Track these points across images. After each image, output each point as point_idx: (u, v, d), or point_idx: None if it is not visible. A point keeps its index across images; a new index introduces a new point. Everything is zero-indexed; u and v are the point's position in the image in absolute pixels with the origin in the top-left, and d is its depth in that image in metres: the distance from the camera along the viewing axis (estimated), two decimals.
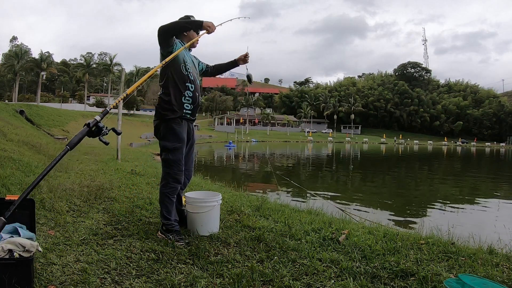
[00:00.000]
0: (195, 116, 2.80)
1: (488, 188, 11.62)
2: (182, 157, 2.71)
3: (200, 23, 2.54)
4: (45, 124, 19.86)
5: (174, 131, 2.64)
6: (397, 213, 7.07)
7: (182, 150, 2.71)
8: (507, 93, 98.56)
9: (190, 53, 2.85)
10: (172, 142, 2.66)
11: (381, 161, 25.15)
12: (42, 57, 56.55)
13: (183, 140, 2.69)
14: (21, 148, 7.33)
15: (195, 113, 2.77)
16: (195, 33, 2.76)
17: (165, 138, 2.68)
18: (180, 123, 2.67)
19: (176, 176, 2.70)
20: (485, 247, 2.86)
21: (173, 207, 2.77)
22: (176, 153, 2.67)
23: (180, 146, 2.67)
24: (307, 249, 2.59)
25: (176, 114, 2.64)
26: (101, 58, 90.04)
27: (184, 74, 2.66)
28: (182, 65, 2.67)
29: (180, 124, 2.66)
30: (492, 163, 26.97)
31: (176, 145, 2.66)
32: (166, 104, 2.64)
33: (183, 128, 2.70)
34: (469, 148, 58.01)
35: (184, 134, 2.70)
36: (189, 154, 2.87)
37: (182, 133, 2.68)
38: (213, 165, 16.81)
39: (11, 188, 3.62)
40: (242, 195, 5.15)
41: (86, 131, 1.90)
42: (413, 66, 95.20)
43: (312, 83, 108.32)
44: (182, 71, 2.66)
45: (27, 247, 1.81)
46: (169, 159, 2.67)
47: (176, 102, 2.64)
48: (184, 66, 2.67)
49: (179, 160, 2.68)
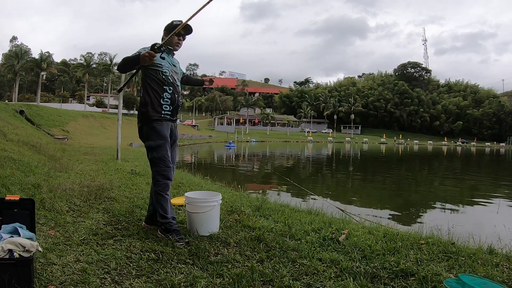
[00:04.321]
0: (176, 116, 2.93)
1: (488, 188, 11.62)
2: (167, 154, 2.81)
3: (137, 58, 2.63)
4: (45, 124, 19.85)
5: (156, 129, 2.78)
6: (397, 213, 7.07)
7: (166, 147, 2.81)
8: (507, 93, 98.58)
9: (171, 57, 2.97)
10: (155, 141, 2.78)
11: (381, 161, 25.14)
12: (42, 57, 56.59)
13: (165, 137, 2.80)
14: (21, 148, 7.33)
15: (174, 114, 2.90)
16: (175, 37, 2.86)
17: (149, 138, 2.81)
18: (161, 123, 2.81)
19: (164, 172, 2.79)
20: (485, 247, 2.87)
21: (168, 205, 2.82)
22: (160, 150, 2.78)
23: (163, 143, 2.79)
24: (307, 249, 2.59)
25: (156, 115, 2.79)
26: (101, 58, 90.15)
27: (161, 77, 2.80)
28: (159, 70, 2.80)
29: (161, 124, 2.80)
30: (492, 163, 26.97)
31: (159, 142, 2.78)
32: (146, 107, 2.80)
33: (165, 126, 2.82)
34: (469, 148, 58.00)
35: (166, 132, 2.82)
36: (173, 152, 2.97)
37: (164, 131, 2.81)
38: (213, 165, 16.81)
39: (11, 188, 3.62)
40: (242, 195, 5.15)
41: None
42: (413, 66, 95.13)
43: (312, 83, 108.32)
44: (158, 75, 2.80)
45: (27, 247, 1.81)
46: (154, 157, 2.79)
47: (155, 104, 2.79)
48: (161, 70, 2.80)
49: (164, 157, 2.78)
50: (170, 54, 2.95)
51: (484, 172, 18.58)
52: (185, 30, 2.83)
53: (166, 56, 2.89)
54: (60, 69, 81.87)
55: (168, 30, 2.88)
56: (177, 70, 2.99)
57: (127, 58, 2.72)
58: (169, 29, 2.86)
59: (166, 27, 2.92)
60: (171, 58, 2.95)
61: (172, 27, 2.82)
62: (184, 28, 2.77)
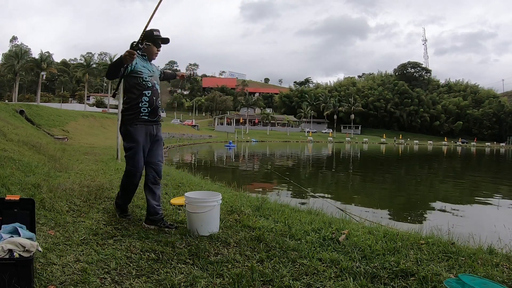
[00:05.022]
0: (155, 117, 3.12)
1: (488, 188, 11.62)
2: (136, 155, 3.04)
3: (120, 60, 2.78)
4: (45, 124, 19.83)
5: (129, 133, 3.03)
6: (397, 213, 7.07)
7: (136, 150, 3.03)
8: (507, 93, 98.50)
9: (150, 64, 3.17)
10: (127, 143, 3.06)
11: (381, 161, 25.14)
12: (42, 57, 56.58)
13: (137, 141, 3.02)
14: (21, 148, 7.32)
15: (154, 115, 3.10)
16: (154, 47, 3.11)
17: (124, 139, 3.11)
18: (136, 126, 3.02)
19: (130, 170, 3.09)
20: (485, 247, 2.87)
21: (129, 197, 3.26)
22: (130, 152, 3.06)
23: (133, 146, 3.02)
24: (307, 249, 2.59)
25: (133, 117, 3.02)
26: (101, 58, 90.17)
27: (141, 83, 3.02)
28: (139, 76, 3.01)
29: (135, 128, 3.02)
30: (492, 163, 26.97)
31: (130, 145, 3.04)
32: (126, 110, 3.06)
33: (139, 131, 3.03)
34: (469, 148, 57.99)
35: (139, 136, 3.02)
36: (155, 150, 3.16)
37: (137, 135, 3.02)
38: (213, 165, 16.81)
39: (11, 188, 3.61)
40: (242, 195, 5.14)
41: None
42: (413, 66, 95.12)
43: (312, 83, 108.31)
44: (139, 81, 3.02)
45: (27, 247, 1.81)
46: (126, 156, 3.11)
47: (134, 108, 3.02)
48: (141, 76, 3.02)
49: (132, 158, 3.06)
50: (148, 62, 3.17)
51: (484, 172, 18.58)
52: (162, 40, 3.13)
53: (146, 64, 3.11)
54: (60, 69, 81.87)
55: (148, 38, 3.04)
56: (156, 75, 3.19)
57: (111, 63, 2.93)
58: (149, 37, 3.03)
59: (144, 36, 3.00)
60: (150, 65, 3.16)
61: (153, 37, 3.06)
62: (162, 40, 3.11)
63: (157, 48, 3.14)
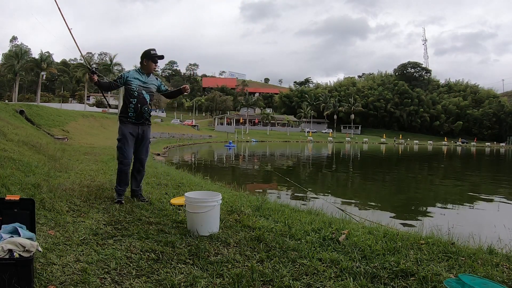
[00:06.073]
0: (140, 120, 3.89)
1: (488, 188, 11.62)
2: (124, 147, 3.84)
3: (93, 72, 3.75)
4: (45, 124, 19.81)
5: (121, 128, 3.90)
6: (397, 213, 7.06)
7: (124, 141, 3.84)
8: (507, 93, 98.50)
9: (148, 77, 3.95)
10: (119, 136, 3.89)
11: (381, 161, 25.14)
12: (42, 57, 56.55)
13: (125, 135, 3.85)
14: (21, 148, 7.32)
15: (139, 119, 3.88)
16: (152, 63, 3.90)
17: (118, 133, 3.90)
18: (126, 124, 3.87)
19: (120, 157, 3.87)
20: (485, 247, 2.87)
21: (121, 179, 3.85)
22: (119, 144, 3.87)
23: (121, 138, 3.85)
24: (307, 249, 2.59)
25: (123, 117, 3.89)
26: (101, 58, 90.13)
27: (130, 92, 3.84)
28: (129, 86, 3.84)
29: (125, 125, 3.87)
30: (492, 163, 26.97)
31: (119, 137, 3.87)
32: (120, 111, 3.97)
33: (128, 127, 3.87)
34: (469, 148, 57.98)
35: (126, 131, 3.85)
36: (141, 147, 3.98)
37: (125, 130, 3.86)
38: (213, 165, 16.81)
39: (11, 188, 3.61)
40: (242, 195, 5.14)
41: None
42: (413, 66, 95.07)
43: (312, 83, 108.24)
44: (129, 91, 3.84)
45: (27, 247, 1.81)
46: (117, 146, 3.91)
47: (124, 110, 3.90)
48: (130, 87, 3.84)
49: (121, 148, 3.86)
50: (145, 74, 3.93)
51: (484, 172, 18.58)
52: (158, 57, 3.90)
53: (140, 76, 3.90)
54: (60, 69, 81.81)
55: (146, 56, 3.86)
56: (148, 86, 3.94)
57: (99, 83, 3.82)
58: (147, 55, 3.86)
59: (144, 54, 3.86)
60: (145, 78, 3.93)
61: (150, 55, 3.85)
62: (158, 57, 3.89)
63: (155, 64, 3.93)
